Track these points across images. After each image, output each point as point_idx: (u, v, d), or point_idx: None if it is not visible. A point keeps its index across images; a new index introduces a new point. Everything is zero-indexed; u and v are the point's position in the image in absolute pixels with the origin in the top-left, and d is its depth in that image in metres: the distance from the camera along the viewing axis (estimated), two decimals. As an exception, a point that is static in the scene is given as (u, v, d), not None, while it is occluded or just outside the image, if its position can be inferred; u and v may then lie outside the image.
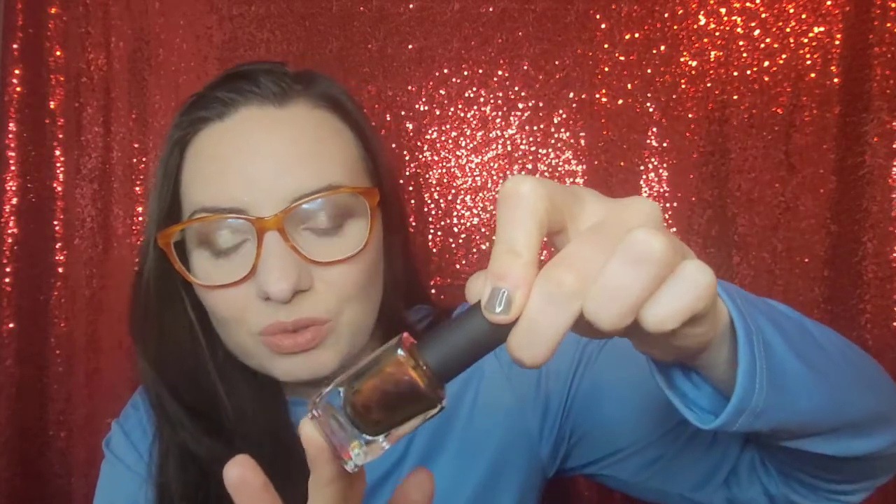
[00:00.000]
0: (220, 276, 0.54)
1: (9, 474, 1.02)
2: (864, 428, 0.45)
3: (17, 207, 1.00)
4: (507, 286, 0.28)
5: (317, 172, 0.54)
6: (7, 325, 1.01)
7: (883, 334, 0.87)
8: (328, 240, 0.55)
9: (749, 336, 0.35)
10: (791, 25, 0.88)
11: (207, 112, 0.56)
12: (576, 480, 0.96)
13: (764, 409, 0.36)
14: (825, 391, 0.40)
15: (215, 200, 0.54)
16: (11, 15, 0.98)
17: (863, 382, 0.46)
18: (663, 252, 0.28)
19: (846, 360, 0.45)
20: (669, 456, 0.58)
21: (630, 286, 0.28)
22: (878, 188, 0.86)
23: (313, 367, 0.56)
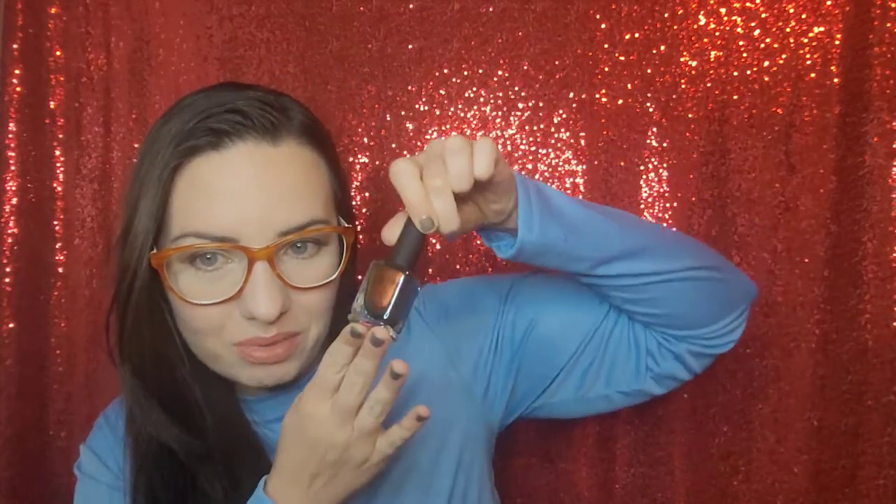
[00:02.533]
0: (205, 294, 0.60)
1: (9, 474, 1.02)
2: (647, 251, 0.63)
3: (17, 207, 1.00)
4: (427, 215, 0.51)
5: (302, 208, 0.61)
6: (7, 325, 1.01)
7: (883, 334, 0.87)
8: (305, 264, 0.62)
9: (524, 184, 0.57)
10: (791, 25, 0.88)
11: (201, 140, 0.60)
12: (576, 480, 0.96)
13: (543, 227, 0.57)
14: (600, 221, 0.61)
15: (208, 228, 0.59)
16: (11, 15, 0.98)
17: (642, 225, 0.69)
18: (463, 141, 0.52)
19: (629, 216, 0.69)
20: (599, 357, 0.71)
21: (461, 163, 0.51)
22: (878, 188, 0.86)
23: (278, 376, 0.64)
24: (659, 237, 0.68)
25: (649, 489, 0.95)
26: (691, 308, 0.67)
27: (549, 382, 0.73)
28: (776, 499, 0.92)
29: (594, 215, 0.62)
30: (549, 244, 0.58)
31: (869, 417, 0.88)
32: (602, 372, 0.72)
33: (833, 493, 0.90)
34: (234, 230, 0.58)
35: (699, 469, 0.94)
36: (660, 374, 0.71)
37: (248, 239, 0.58)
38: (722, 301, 0.69)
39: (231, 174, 0.59)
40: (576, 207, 0.61)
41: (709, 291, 0.68)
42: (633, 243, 0.63)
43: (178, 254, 0.60)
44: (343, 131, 0.97)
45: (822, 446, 0.90)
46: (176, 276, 0.61)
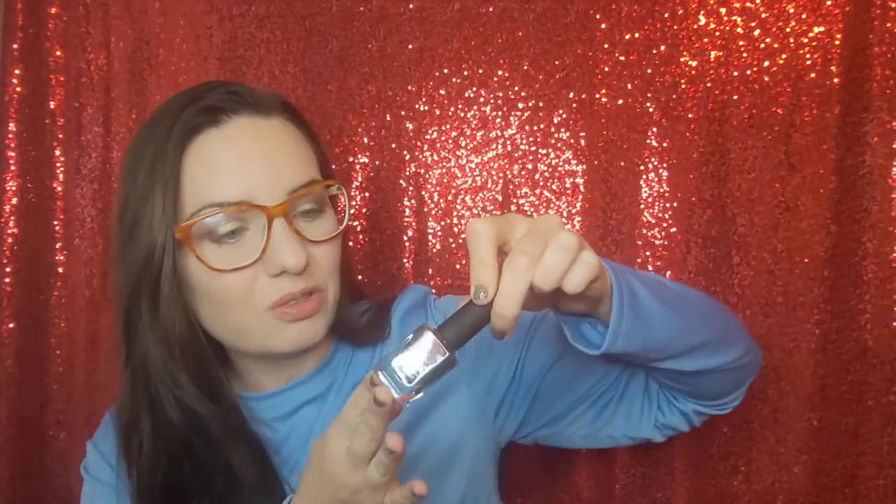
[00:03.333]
0: (231, 262, 0.62)
1: (9, 474, 1.02)
2: (709, 346, 0.65)
3: (17, 207, 1.00)
4: (483, 284, 0.48)
5: (301, 170, 0.65)
6: (7, 325, 1.01)
7: (883, 334, 0.87)
8: (313, 225, 0.66)
9: (619, 287, 0.54)
10: (791, 25, 0.88)
11: (199, 119, 0.63)
12: (575, 481, 0.96)
13: (630, 332, 0.55)
14: (679, 321, 0.61)
15: (224, 196, 0.62)
16: (11, 15, 0.98)
17: (707, 317, 0.67)
18: (576, 244, 0.47)
19: (699, 303, 0.68)
20: (616, 401, 0.74)
21: (559, 264, 0.47)
22: (878, 188, 0.86)
23: (310, 336, 0.66)
24: (717, 330, 0.68)
25: (649, 489, 0.95)
26: (717, 388, 0.72)
27: (562, 417, 0.75)
28: (776, 499, 0.92)
29: (671, 315, 0.60)
30: (628, 351, 0.57)
31: (869, 417, 0.88)
32: (616, 415, 0.74)
33: (833, 493, 0.90)
34: (247, 194, 0.62)
35: (699, 469, 0.94)
36: (665, 424, 0.75)
37: (262, 200, 0.62)
38: (741, 380, 0.74)
39: (235, 145, 0.63)
40: (659, 309, 0.59)
41: (737, 376, 0.72)
42: (696, 341, 0.64)
43: (199, 230, 0.62)
44: (343, 131, 0.97)
45: (822, 446, 0.90)
46: (196, 253, 0.63)
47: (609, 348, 0.55)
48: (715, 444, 0.93)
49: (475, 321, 0.50)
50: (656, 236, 0.93)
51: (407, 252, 0.98)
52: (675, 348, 0.62)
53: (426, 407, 0.71)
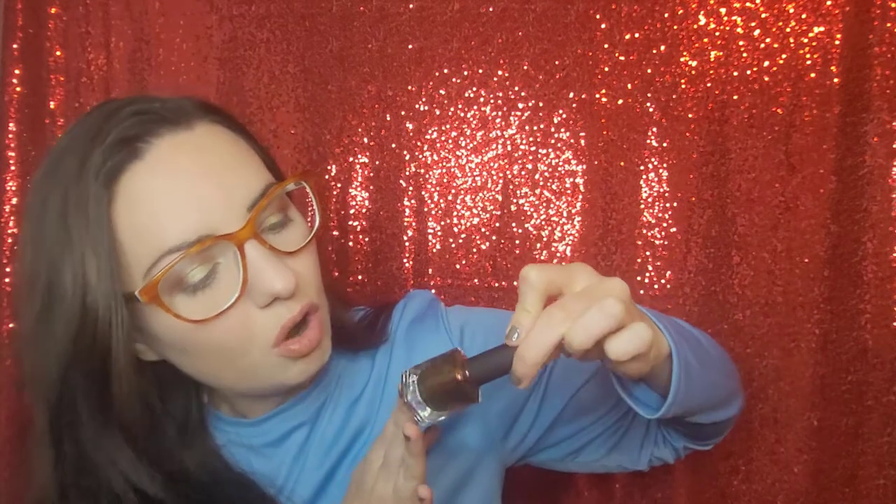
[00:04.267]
0: (210, 308, 0.53)
1: (9, 474, 1.02)
2: (725, 403, 0.68)
3: (17, 207, 1.00)
4: (518, 326, 0.48)
5: (251, 178, 0.56)
6: (7, 325, 1.01)
7: (883, 334, 0.87)
8: (284, 236, 0.57)
9: (679, 361, 0.54)
10: (791, 25, 0.88)
11: (116, 156, 0.52)
12: (576, 480, 0.96)
13: (682, 401, 0.56)
14: (710, 384, 0.62)
15: (180, 238, 0.52)
16: (11, 15, 0.98)
17: (725, 374, 0.69)
18: (622, 313, 0.45)
19: (718, 359, 0.69)
20: (620, 435, 0.74)
21: (595, 326, 0.45)
22: (878, 188, 0.86)
23: (319, 361, 0.60)
24: (732, 383, 0.71)
25: (649, 489, 0.95)
26: (719, 432, 0.76)
27: (571, 446, 0.74)
28: (776, 499, 0.92)
29: (706, 381, 0.61)
30: (672, 413, 0.57)
31: (869, 417, 0.88)
32: (618, 448, 0.75)
33: (833, 493, 0.90)
34: (204, 225, 0.52)
35: (699, 469, 0.94)
36: (656, 457, 0.78)
37: (224, 227, 0.53)
38: (732, 425, 0.78)
39: (168, 175, 0.53)
40: (702, 377, 0.59)
41: (729, 424, 0.76)
42: (719, 399, 0.66)
43: (166, 283, 0.52)
44: (343, 131, 0.97)
45: (822, 446, 0.90)
46: (169, 308, 0.53)
47: (663, 416, 0.56)
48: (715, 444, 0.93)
49: (502, 364, 0.49)
50: (656, 236, 0.93)
51: (407, 252, 0.98)
52: (705, 408, 0.64)
53: (442, 436, 0.68)
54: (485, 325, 0.71)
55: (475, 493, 0.70)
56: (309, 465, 0.66)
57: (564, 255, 0.95)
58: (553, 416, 0.71)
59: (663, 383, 0.55)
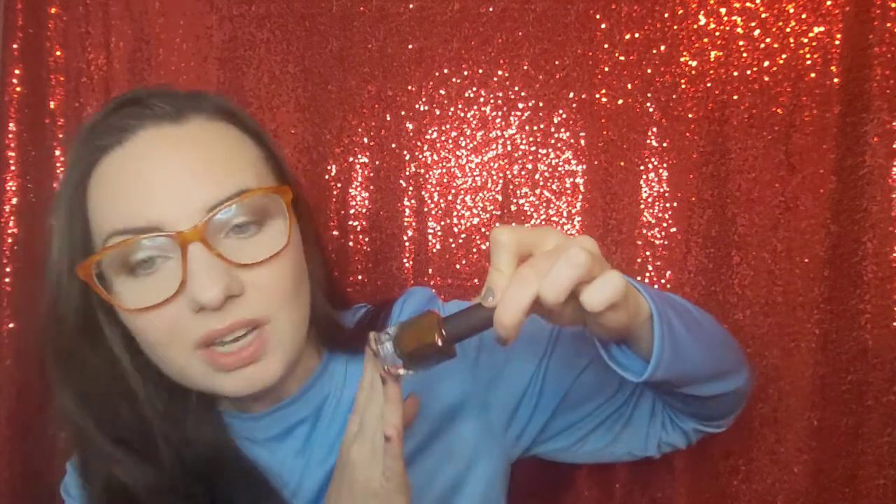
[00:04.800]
0: (148, 298, 0.54)
1: (9, 474, 1.02)
2: (726, 374, 0.67)
3: (17, 207, 1.00)
4: (493, 287, 0.47)
5: (226, 180, 0.55)
6: (7, 325, 1.01)
7: (883, 334, 0.87)
8: (250, 243, 0.56)
9: (661, 321, 0.53)
10: (791, 25, 0.88)
11: (104, 140, 0.56)
12: (576, 480, 0.96)
13: (669, 365, 0.54)
14: (702, 351, 0.61)
15: (129, 222, 0.54)
16: (11, 15, 0.98)
17: (722, 344, 0.67)
18: (588, 261, 0.45)
19: (713, 330, 0.68)
20: (625, 420, 0.74)
21: (565, 277, 0.45)
22: (878, 188, 0.86)
23: (261, 380, 0.57)
24: (731, 354, 0.70)
25: (649, 489, 0.95)
26: (726, 410, 0.74)
27: (576, 434, 0.74)
28: (776, 499, 0.92)
29: (698, 345, 0.60)
30: (664, 380, 0.57)
31: (869, 417, 0.88)
32: (624, 434, 0.74)
33: (833, 493, 0.90)
34: (156, 219, 0.53)
35: (699, 469, 0.94)
36: (666, 442, 0.76)
37: (173, 223, 0.53)
38: (743, 400, 0.76)
39: (136, 162, 0.54)
40: (690, 341, 0.58)
41: (742, 397, 0.74)
42: (716, 368, 0.65)
43: (112, 262, 0.55)
44: (343, 131, 0.97)
45: (822, 446, 0.90)
46: (114, 288, 0.56)
47: (649, 378, 0.54)
48: (715, 444, 0.93)
49: (478, 322, 0.49)
50: (656, 236, 0.93)
51: (407, 252, 0.98)
52: (698, 377, 0.63)
53: (440, 427, 0.68)
54: None
55: (477, 487, 0.70)
56: (313, 461, 0.66)
57: (564, 255, 0.95)
58: (554, 403, 0.71)
59: (647, 347, 0.54)
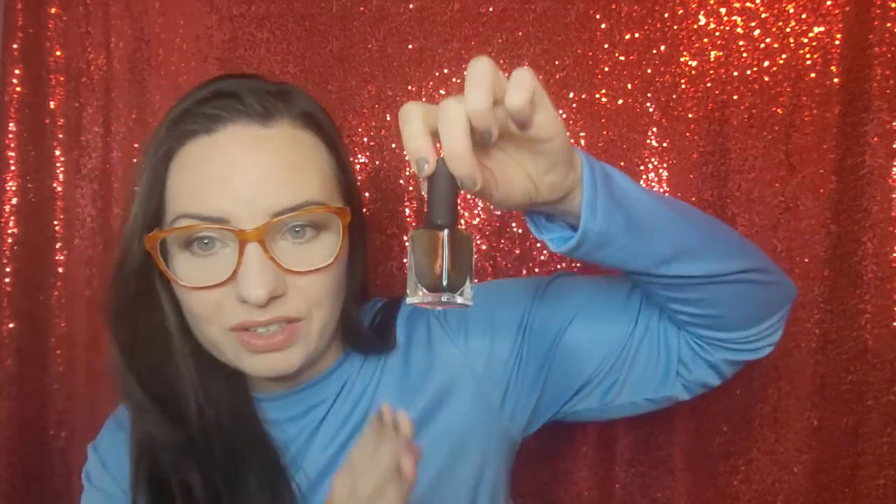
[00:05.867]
0: (201, 278, 0.59)
1: (9, 474, 1.02)
2: (710, 249, 0.60)
3: (17, 207, 1.00)
4: (420, 155, 0.45)
5: (296, 190, 0.59)
6: (7, 325, 1.01)
7: (883, 334, 0.87)
8: (303, 249, 0.60)
9: (591, 165, 0.52)
10: (791, 25, 0.88)
11: (195, 126, 0.59)
12: (576, 480, 0.96)
13: (608, 209, 0.52)
14: (662, 210, 0.57)
15: (200, 209, 0.58)
16: (11, 15, 0.98)
17: (698, 217, 0.62)
18: (490, 65, 0.44)
19: (683, 204, 0.63)
20: (628, 367, 0.68)
21: (480, 84, 0.43)
22: (878, 188, 0.86)
23: (281, 366, 0.62)
24: (717, 233, 0.63)
25: (649, 489, 0.95)
26: (738, 310, 0.64)
27: (573, 393, 0.71)
28: (776, 499, 0.92)
29: (657, 204, 0.57)
30: (611, 234, 0.53)
31: (869, 417, 0.88)
32: (629, 380, 0.69)
33: (833, 493, 0.90)
34: (225, 212, 0.57)
35: (699, 469, 0.94)
36: (691, 381, 0.69)
37: (239, 221, 0.57)
38: (767, 304, 0.66)
39: (220, 155, 0.58)
40: (640, 193, 0.56)
41: (757, 294, 0.65)
42: (694, 240, 0.59)
43: (176, 238, 0.60)
44: (343, 131, 0.97)
45: (822, 446, 0.90)
46: (173, 261, 0.61)
47: (586, 226, 0.51)
48: (715, 444, 0.93)
49: (442, 189, 0.46)
50: (656, 236, 0.93)
51: (407, 252, 0.98)
52: (669, 243, 0.57)
53: (433, 407, 0.69)
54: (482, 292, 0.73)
55: (473, 467, 0.71)
56: (318, 446, 0.69)
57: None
58: (541, 373, 0.70)
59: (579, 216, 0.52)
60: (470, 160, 0.44)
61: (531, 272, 0.95)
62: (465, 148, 0.44)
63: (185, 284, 0.60)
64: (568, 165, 0.50)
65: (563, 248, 0.54)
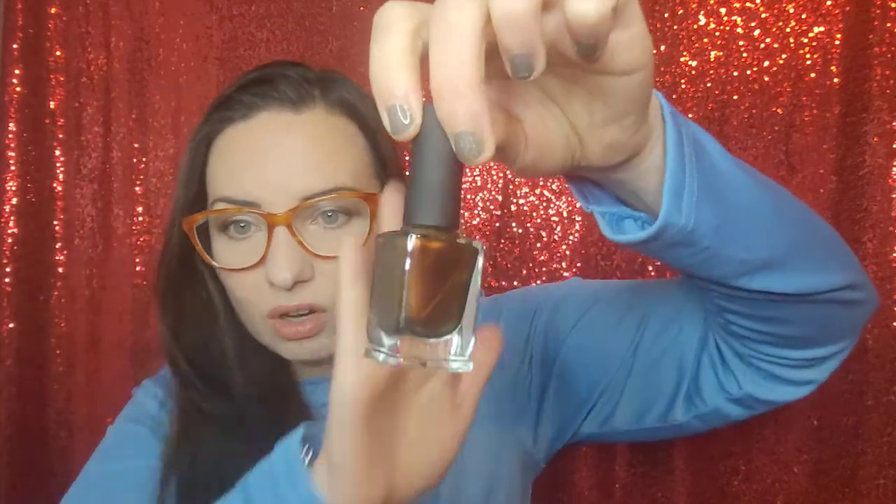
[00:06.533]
0: (236, 260, 0.61)
1: (9, 474, 1.02)
2: (813, 254, 0.46)
3: (17, 207, 1.00)
4: (396, 95, 0.27)
5: (326, 175, 0.59)
6: (7, 325, 1.01)
7: (883, 334, 0.87)
8: (334, 234, 0.60)
9: (677, 126, 0.34)
10: (791, 25, 0.88)
11: (232, 112, 0.61)
12: (575, 480, 0.96)
13: (699, 195, 0.36)
14: (761, 197, 0.42)
15: (234, 193, 0.59)
16: (11, 15, 0.98)
17: (800, 209, 0.49)
18: None
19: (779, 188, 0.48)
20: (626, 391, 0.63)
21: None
22: (878, 188, 0.86)
23: (313, 350, 0.63)
24: (817, 236, 0.50)
25: (649, 489, 0.95)
26: (817, 330, 0.52)
27: (586, 408, 0.68)
28: (776, 499, 0.92)
29: (756, 190, 0.42)
30: (697, 234, 0.38)
31: (869, 417, 0.88)
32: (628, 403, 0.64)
33: (833, 493, 0.90)
34: (256, 195, 0.58)
35: (699, 469, 0.94)
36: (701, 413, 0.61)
37: (269, 205, 0.58)
38: (851, 324, 0.55)
39: (252, 141, 0.60)
40: (736, 171, 0.41)
41: (845, 313, 0.53)
42: (790, 245, 0.45)
43: (214, 221, 0.61)
44: (343, 131, 0.97)
45: (822, 446, 0.90)
46: (214, 243, 0.63)
47: (668, 219, 0.35)
48: (715, 444, 0.93)
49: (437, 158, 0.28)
50: (656, 236, 0.93)
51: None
52: (761, 249, 0.43)
53: None
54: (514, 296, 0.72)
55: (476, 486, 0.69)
56: None
57: (564, 255, 0.95)
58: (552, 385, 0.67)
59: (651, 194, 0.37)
60: (476, 103, 0.26)
61: (531, 272, 0.95)
62: (471, 79, 0.26)
63: (219, 266, 0.62)
64: (643, 116, 0.33)
65: (623, 239, 0.38)
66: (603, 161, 0.34)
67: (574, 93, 0.31)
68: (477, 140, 0.26)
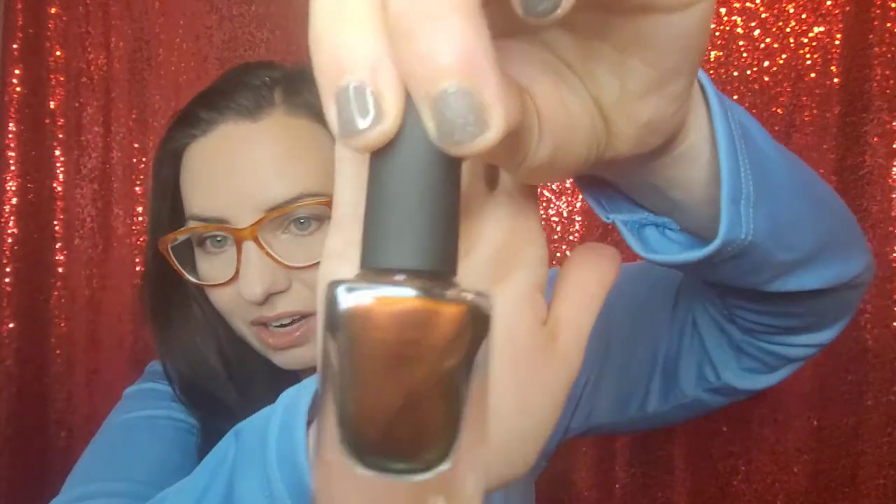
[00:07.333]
0: (215, 274, 0.60)
1: (9, 474, 1.02)
2: (842, 247, 0.41)
3: (17, 207, 1.00)
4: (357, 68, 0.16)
5: (289, 182, 0.57)
6: (7, 325, 1.01)
7: (883, 334, 0.87)
8: (307, 241, 0.58)
9: (722, 104, 0.27)
10: (791, 25, 0.88)
11: (193, 129, 0.60)
12: (575, 480, 0.96)
13: (757, 195, 0.29)
14: (810, 192, 0.36)
15: (202, 211, 0.58)
16: (11, 15, 0.98)
17: (830, 193, 0.43)
18: None
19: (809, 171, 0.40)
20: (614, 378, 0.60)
21: None
22: (878, 188, 0.86)
23: (305, 359, 0.61)
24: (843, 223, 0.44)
25: (649, 489, 0.95)
26: (827, 318, 0.48)
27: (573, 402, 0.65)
28: (776, 499, 0.92)
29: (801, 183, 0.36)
30: (753, 244, 0.31)
31: (869, 417, 0.88)
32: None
33: (833, 493, 0.90)
34: (222, 212, 0.57)
35: (699, 469, 0.94)
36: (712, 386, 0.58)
37: (236, 219, 0.57)
38: (854, 306, 0.51)
39: (215, 155, 0.58)
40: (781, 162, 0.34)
41: (854, 298, 0.49)
42: (825, 239, 0.39)
43: (191, 238, 0.61)
44: (343, 131, 0.97)
45: (822, 446, 0.90)
46: (197, 259, 0.62)
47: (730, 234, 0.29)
48: (715, 444, 0.93)
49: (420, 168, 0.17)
50: (656, 236, 0.93)
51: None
52: (802, 247, 0.36)
53: None
54: None
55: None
56: None
57: (564, 255, 0.95)
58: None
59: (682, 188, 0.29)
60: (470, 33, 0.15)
61: (531, 272, 0.95)
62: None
63: (197, 282, 0.61)
64: (693, 76, 0.23)
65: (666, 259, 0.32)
66: (636, 148, 0.24)
67: (599, 53, 0.21)
68: (475, 104, 0.15)
